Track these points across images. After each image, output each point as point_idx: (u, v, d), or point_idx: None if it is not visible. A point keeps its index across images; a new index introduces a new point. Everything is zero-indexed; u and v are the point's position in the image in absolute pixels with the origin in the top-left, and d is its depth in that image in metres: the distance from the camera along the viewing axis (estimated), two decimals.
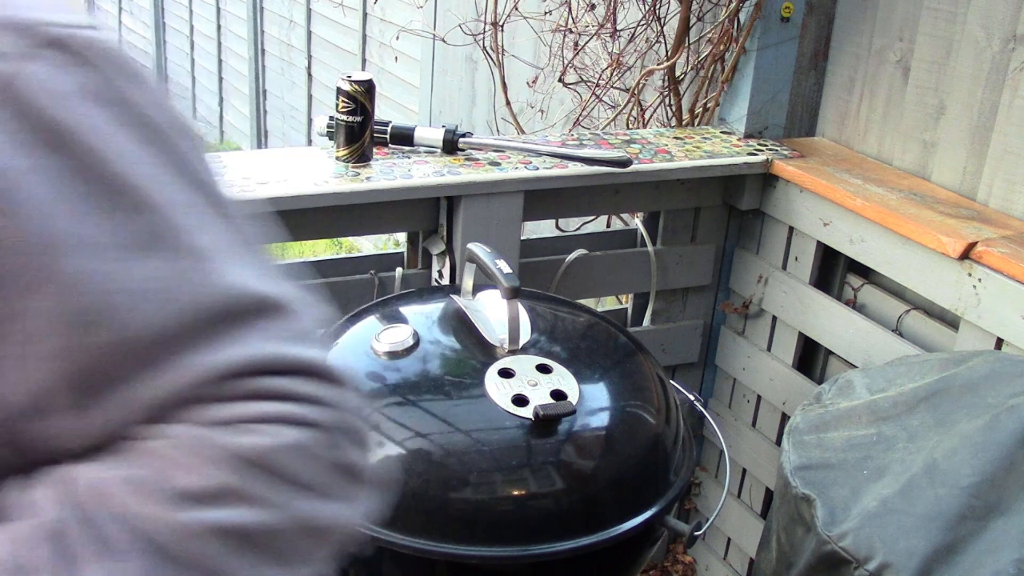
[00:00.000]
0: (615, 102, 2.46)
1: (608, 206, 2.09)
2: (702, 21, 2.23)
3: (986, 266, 1.62)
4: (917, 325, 1.84)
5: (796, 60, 2.10)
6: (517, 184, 1.80)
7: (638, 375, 1.49)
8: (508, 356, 1.35)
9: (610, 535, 1.26)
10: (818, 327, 1.99)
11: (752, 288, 2.15)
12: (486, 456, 1.26)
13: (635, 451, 1.35)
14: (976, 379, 1.34)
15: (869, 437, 1.34)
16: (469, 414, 1.30)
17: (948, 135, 1.88)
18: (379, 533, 1.23)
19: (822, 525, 1.23)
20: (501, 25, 2.45)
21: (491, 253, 1.41)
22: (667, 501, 1.34)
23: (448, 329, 1.43)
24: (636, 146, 2.02)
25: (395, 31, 4.02)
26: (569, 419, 1.28)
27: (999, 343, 1.61)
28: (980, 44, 1.80)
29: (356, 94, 1.72)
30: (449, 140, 1.84)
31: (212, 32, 7.17)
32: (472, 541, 1.23)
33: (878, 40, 2.00)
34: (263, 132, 6.70)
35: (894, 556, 1.15)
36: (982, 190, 1.83)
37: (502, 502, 1.26)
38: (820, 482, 1.29)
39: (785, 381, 2.10)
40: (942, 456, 1.24)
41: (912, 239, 1.73)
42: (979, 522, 1.16)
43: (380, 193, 1.70)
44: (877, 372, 1.49)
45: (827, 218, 1.92)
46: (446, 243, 1.82)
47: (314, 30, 5.72)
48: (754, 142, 2.10)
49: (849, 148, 2.10)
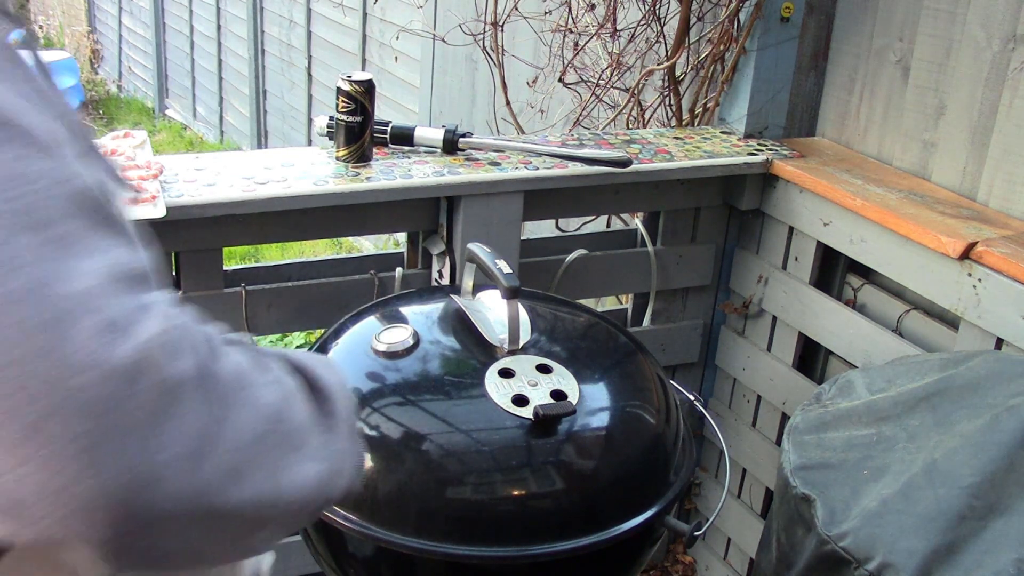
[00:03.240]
0: (615, 102, 2.46)
1: (608, 206, 2.09)
2: (702, 21, 2.24)
3: (986, 266, 1.62)
4: (917, 325, 1.84)
5: (796, 60, 2.10)
6: (517, 184, 1.80)
7: (638, 375, 1.49)
8: (508, 356, 1.35)
9: (610, 535, 1.26)
10: (818, 327, 1.99)
11: (752, 288, 2.15)
12: (486, 456, 1.26)
13: (635, 451, 1.35)
14: (976, 379, 1.34)
15: (869, 437, 1.34)
16: (469, 414, 1.30)
17: (948, 135, 1.88)
18: (379, 533, 1.23)
19: (822, 525, 1.23)
20: (501, 25, 2.45)
21: (491, 253, 1.41)
22: (667, 501, 1.34)
23: (448, 329, 1.43)
24: (636, 146, 2.02)
25: (395, 31, 4.03)
26: (569, 419, 1.28)
27: (999, 343, 1.61)
28: (980, 44, 1.80)
29: (356, 94, 1.72)
30: (449, 140, 1.84)
31: (212, 32, 7.17)
32: (472, 541, 1.23)
33: (878, 40, 2.00)
34: (263, 132, 6.70)
35: (894, 556, 1.15)
36: (982, 190, 1.83)
37: (502, 502, 1.26)
38: (820, 482, 1.29)
39: (785, 381, 2.10)
40: (942, 456, 1.24)
41: (912, 239, 1.73)
42: (979, 522, 1.16)
43: (380, 193, 1.70)
44: (877, 372, 1.49)
45: (827, 218, 1.92)
46: (446, 243, 1.82)
47: (314, 30, 5.72)
48: (754, 142, 2.10)
49: (849, 148, 2.10)
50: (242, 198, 1.60)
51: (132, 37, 8.80)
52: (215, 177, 1.65)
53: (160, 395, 0.52)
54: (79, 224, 0.53)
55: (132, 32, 8.77)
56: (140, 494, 0.51)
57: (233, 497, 0.55)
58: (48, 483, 0.49)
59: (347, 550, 1.33)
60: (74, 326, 0.50)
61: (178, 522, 0.53)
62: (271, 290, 1.75)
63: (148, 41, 8.38)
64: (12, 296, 0.49)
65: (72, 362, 0.50)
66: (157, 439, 0.52)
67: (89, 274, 0.52)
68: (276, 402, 0.60)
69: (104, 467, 0.50)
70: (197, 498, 0.53)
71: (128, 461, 0.51)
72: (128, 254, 0.55)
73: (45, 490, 0.49)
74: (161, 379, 0.52)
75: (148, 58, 8.45)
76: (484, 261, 1.40)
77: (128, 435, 0.51)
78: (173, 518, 0.53)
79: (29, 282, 0.50)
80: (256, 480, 0.56)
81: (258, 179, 1.65)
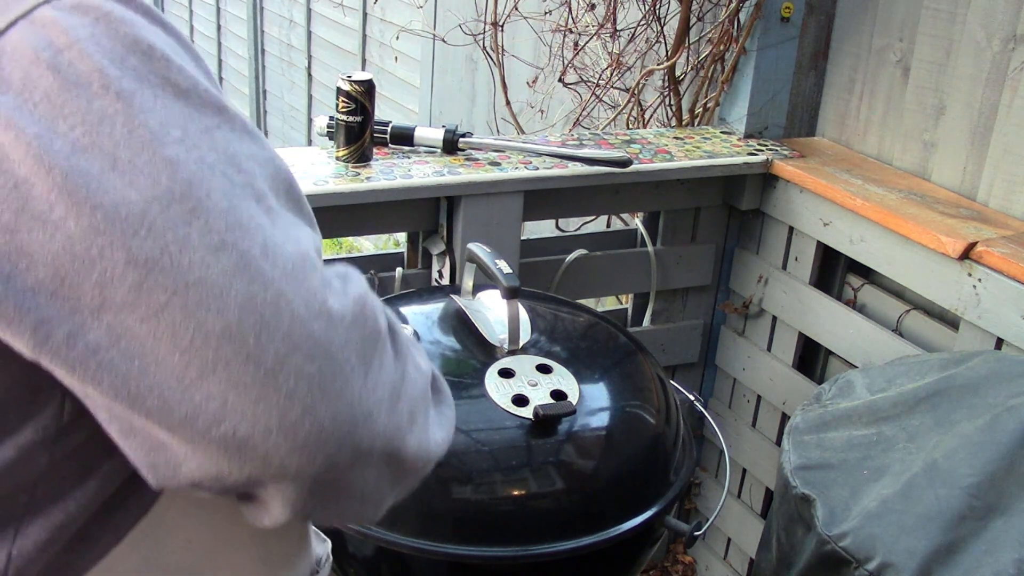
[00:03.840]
0: (615, 102, 2.46)
1: (608, 206, 2.09)
2: (702, 21, 2.24)
3: (986, 266, 1.62)
4: (917, 325, 1.84)
5: (796, 60, 2.10)
6: (517, 184, 1.80)
7: (638, 375, 1.49)
8: (508, 356, 1.35)
9: (610, 535, 1.26)
10: (818, 327, 1.99)
11: (752, 288, 2.15)
12: (486, 456, 1.26)
13: (635, 451, 1.35)
14: (976, 379, 1.34)
15: (869, 437, 1.34)
16: (469, 414, 1.30)
17: (948, 135, 1.88)
18: (379, 533, 1.23)
19: (822, 525, 1.23)
20: (501, 25, 2.45)
21: (491, 253, 1.41)
22: (667, 501, 1.34)
23: (448, 329, 1.43)
24: (636, 146, 2.02)
25: (395, 31, 4.03)
26: (569, 419, 1.28)
27: (999, 343, 1.61)
28: (980, 44, 1.80)
29: (356, 94, 1.72)
30: (449, 140, 1.84)
31: (212, 32, 7.17)
32: (472, 541, 1.23)
33: (878, 40, 2.00)
34: (263, 132, 6.70)
35: (894, 556, 1.15)
36: (982, 190, 1.83)
37: (502, 502, 1.26)
38: (820, 482, 1.29)
39: (785, 381, 2.10)
40: (942, 456, 1.24)
41: (912, 239, 1.73)
42: (979, 522, 1.16)
43: (380, 193, 1.70)
44: (877, 372, 1.49)
45: (827, 218, 1.92)
46: (446, 243, 1.82)
47: (314, 30, 5.72)
48: (754, 142, 2.10)
49: (849, 148, 2.10)
50: None
51: None
52: None
53: (371, 343, 0.59)
54: (283, 201, 0.60)
55: None
56: (356, 429, 0.57)
57: (410, 442, 0.62)
58: (280, 419, 0.54)
59: (347, 550, 1.33)
60: (304, 281, 0.56)
61: (374, 460, 0.59)
62: None
63: None
64: (252, 251, 0.55)
65: (304, 311, 0.56)
66: (371, 381, 0.58)
67: (304, 240, 0.59)
68: (427, 369, 0.68)
69: (332, 403, 0.56)
70: (391, 438, 0.60)
71: (350, 398, 0.57)
72: (315, 233, 0.63)
73: (276, 426, 0.54)
74: (372, 330, 0.60)
75: None
76: (484, 261, 1.40)
77: (350, 376, 0.57)
78: (373, 455, 0.59)
79: (265, 241, 0.56)
80: (419, 431, 0.63)
81: None
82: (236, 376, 0.54)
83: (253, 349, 0.54)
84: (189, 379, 0.53)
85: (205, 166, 0.56)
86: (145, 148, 0.54)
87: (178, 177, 0.54)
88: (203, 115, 0.57)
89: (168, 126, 0.55)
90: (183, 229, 0.54)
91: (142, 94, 0.55)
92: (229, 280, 0.54)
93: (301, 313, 0.55)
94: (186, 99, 0.57)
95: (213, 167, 0.56)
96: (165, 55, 0.57)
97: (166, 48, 0.58)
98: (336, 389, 0.56)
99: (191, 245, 0.54)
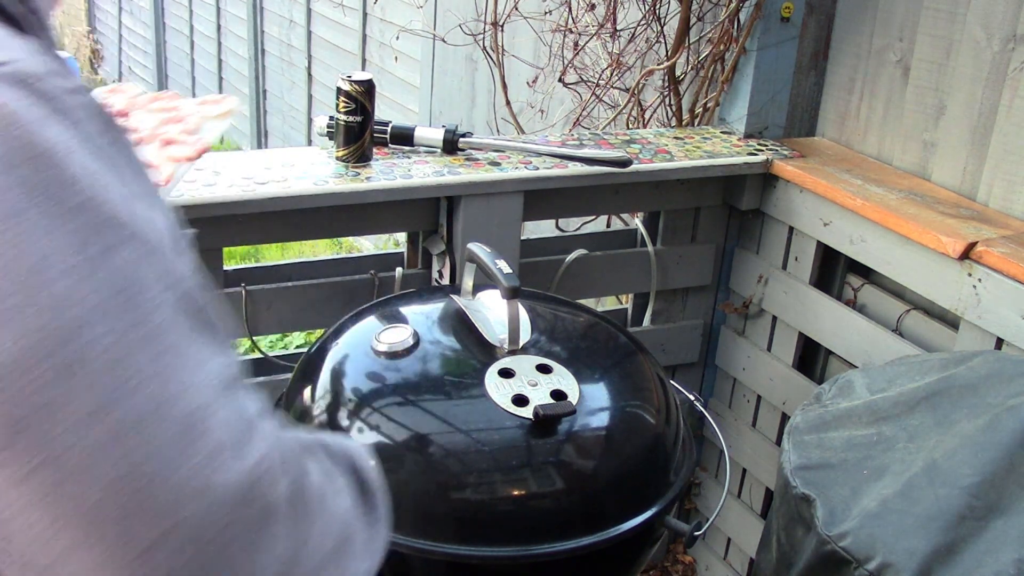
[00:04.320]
0: (615, 102, 2.46)
1: (608, 206, 2.09)
2: (702, 21, 2.24)
3: (986, 266, 1.62)
4: (917, 325, 1.84)
5: (796, 60, 2.10)
6: (517, 184, 1.80)
7: (638, 375, 1.49)
8: (508, 356, 1.35)
9: (610, 535, 1.26)
10: (818, 327, 1.99)
11: (752, 288, 2.15)
12: (486, 456, 1.26)
13: (635, 451, 1.35)
14: (976, 379, 1.34)
15: (869, 437, 1.34)
16: (469, 414, 1.30)
17: (948, 135, 1.88)
18: None
19: (822, 525, 1.23)
20: (501, 25, 2.45)
21: (491, 253, 1.41)
22: (667, 501, 1.34)
23: (448, 329, 1.43)
24: (636, 146, 2.02)
25: (395, 31, 4.03)
26: (569, 419, 1.28)
27: (999, 343, 1.61)
28: (980, 44, 1.80)
29: (356, 94, 1.72)
30: (449, 140, 1.84)
31: (212, 32, 7.17)
32: (472, 541, 1.23)
33: (878, 40, 2.00)
34: (263, 132, 6.70)
35: (894, 556, 1.15)
36: (982, 190, 1.83)
37: (502, 502, 1.26)
38: (820, 482, 1.29)
39: (785, 381, 2.10)
40: (942, 456, 1.24)
41: (912, 239, 1.73)
42: (979, 522, 1.16)
43: (380, 193, 1.70)
44: (877, 372, 1.49)
45: (827, 218, 1.92)
46: (446, 243, 1.82)
47: (314, 30, 5.72)
48: (754, 142, 2.10)
49: (849, 148, 2.10)
50: (242, 198, 1.60)
51: (132, 37, 8.79)
52: (215, 177, 1.65)
53: (259, 521, 0.53)
54: (186, 331, 0.53)
55: (132, 32, 8.77)
56: None
57: None
58: None
59: None
60: (188, 451, 0.50)
61: None
62: (271, 290, 1.75)
63: (148, 41, 8.38)
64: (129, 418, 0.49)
65: (182, 491, 0.50)
66: (251, 566, 0.52)
67: (201, 389, 0.52)
68: (344, 512, 0.61)
69: None
70: None
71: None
72: (226, 358, 0.55)
73: None
74: (263, 505, 0.53)
75: (148, 58, 8.44)
76: (484, 261, 1.40)
77: (233, 559, 0.51)
78: None
79: (151, 399, 0.50)
80: None
81: (258, 179, 1.65)
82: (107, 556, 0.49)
83: (124, 529, 0.49)
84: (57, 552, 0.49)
85: (93, 307, 0.49)
86: (23, 287, 0.48)
87: (58, 324, 0.48)
88: (100, 235, 0.50)
89: (53, 256, 0.49)
90: (58, 388, 0.48)
91: (27, 215, 0.48)
92: (102, 453, 0.49)
93: (178, 494, 0.50)
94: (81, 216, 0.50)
95: (104, 307, 0.50)
96: (60, 162, 0.50)
97: (67, 150, 0.51)
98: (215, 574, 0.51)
99: (65, 409, 0.48)
